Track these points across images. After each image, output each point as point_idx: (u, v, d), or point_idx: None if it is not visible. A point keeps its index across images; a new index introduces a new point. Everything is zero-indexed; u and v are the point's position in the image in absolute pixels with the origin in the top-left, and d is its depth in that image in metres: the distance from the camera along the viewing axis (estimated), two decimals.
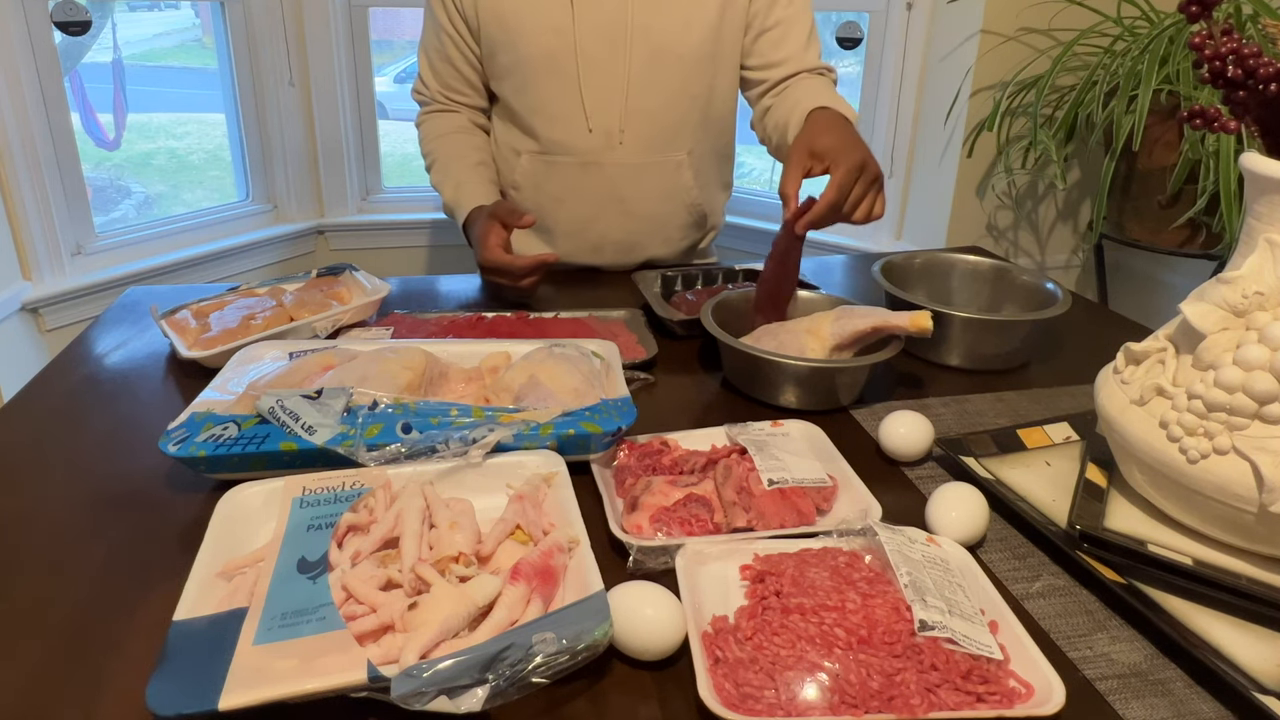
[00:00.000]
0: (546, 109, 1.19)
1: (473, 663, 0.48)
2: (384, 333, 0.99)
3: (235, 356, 0.86)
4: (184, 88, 3.68)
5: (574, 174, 1.22)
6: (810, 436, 0.78)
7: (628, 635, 0.53)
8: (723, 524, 0.66)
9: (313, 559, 0.58)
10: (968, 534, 0.64)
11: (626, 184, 1.23)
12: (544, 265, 1.07)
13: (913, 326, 0.84)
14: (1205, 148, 1.60)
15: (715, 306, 0.94)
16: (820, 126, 0.99)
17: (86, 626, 0.57)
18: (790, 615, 0.55)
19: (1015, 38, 1.91)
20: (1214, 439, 0.59)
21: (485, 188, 1.21)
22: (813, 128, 0.99)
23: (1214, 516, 0.61)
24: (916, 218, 2.17)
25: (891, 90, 2.12)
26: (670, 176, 1.25)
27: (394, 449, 0.68)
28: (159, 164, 2.92)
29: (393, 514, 0.62)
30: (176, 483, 0.72)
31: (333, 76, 2.23)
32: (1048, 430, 0.80)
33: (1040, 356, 1.01)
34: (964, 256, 1.12)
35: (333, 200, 2.36)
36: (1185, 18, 0.72)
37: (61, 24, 1.80)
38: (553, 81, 1.16)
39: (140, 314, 1.08)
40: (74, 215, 1.89)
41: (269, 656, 0.50)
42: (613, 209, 1.24)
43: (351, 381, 0.76)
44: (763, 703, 0.49)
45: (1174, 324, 0.65)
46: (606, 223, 1.26)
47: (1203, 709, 0.52)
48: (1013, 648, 0.53)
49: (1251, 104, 0.60)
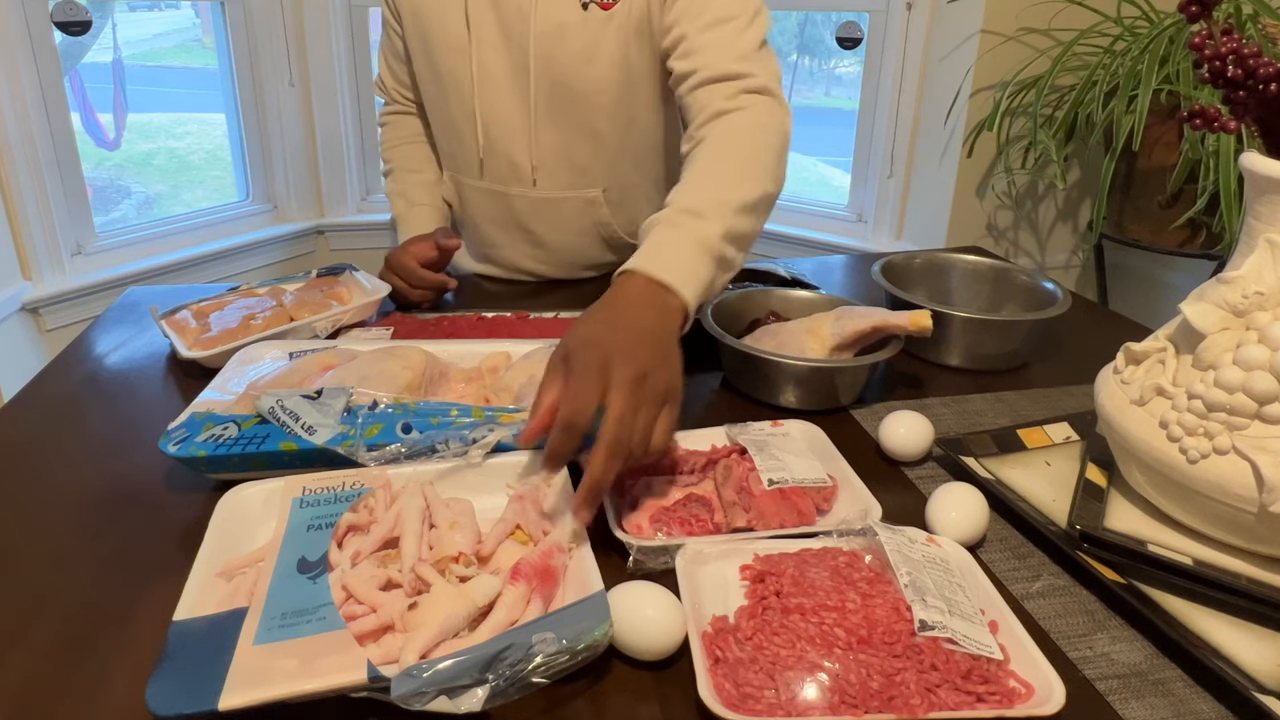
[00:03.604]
0: (451, 126, 1.14)
1: (473, 663, 0.48)
2: (384, 333, 0.99)
3: (235, 356, 0.86)
4: (184, 88, 3.68)
5: (478, 198, 1.18)
6: (810, 436, 0.78)
7: (628, 635, 0.53)
8: (723, 524, 0.66)
9: (313, 559, 0.58)
10: (968, 534, 0.64)
11: (532, 217, 1.16)
12: (441, 288, 1.09)
13: (913, 326, 0.84)
14: (1205, 148, 1.60)
15: (715, 307, 0.94)
16: (590, 311, 0.69)
17: (86, 626, 0.57)
18: (790, 615, 0.55)
19: (1015, 38, 1.91)
20: (1214, 439, 0.59)
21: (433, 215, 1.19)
22: (584, 315, 0.69)
23: (1214, 516, 0.61)
24: (916, 218, 2.17)
25: (891, 90, 2.12)
26: (583, 212, 1.15)
27: (394, 449, 0.68)
28: (159, 164, 2.92)
29: (393, 514, 0.62)
30: (176, 483, 0.72)
31: (333, 76, 2.23)
32: (1048, 430, 0.80)
33: (1040, 356, 1.01)
34: (964, 256, 1.12)
35: (333, 200, 2.36)
36: (1185, 18, 0.72)
37: (62, 24, 1.81)
38: (455, 100, 1.11)
39: (140, 314, 1.08)
40: (74, 215, 1.89)
41: (269, 656, 0.50)
42: (520, 238, 1.19)
43: (351, 381, 0.76)
44: (763, 703, 0.49)
45: (1174, 324, 0.65)
46: (515, 250, 1.21)
47: (1203, 709, 0.52)
48: (1013, 648, 0.53)
49: (1251, 104, 0.60)
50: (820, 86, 2.96)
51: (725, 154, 0.86)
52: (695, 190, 0.80)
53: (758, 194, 0.82)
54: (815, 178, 3.29)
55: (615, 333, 0.64)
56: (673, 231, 0.76)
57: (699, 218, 0.76)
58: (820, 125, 3.24)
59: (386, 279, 1.08)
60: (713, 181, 0.82)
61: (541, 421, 0.62)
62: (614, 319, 0.66)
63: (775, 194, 0.86)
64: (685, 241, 0.75)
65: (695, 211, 0.77)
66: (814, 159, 3.32)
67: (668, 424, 0.64)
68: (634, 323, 0.67)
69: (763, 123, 0.90)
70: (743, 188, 0.81)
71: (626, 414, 0.60)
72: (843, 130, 2.31)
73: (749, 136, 0.88)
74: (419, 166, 1.23)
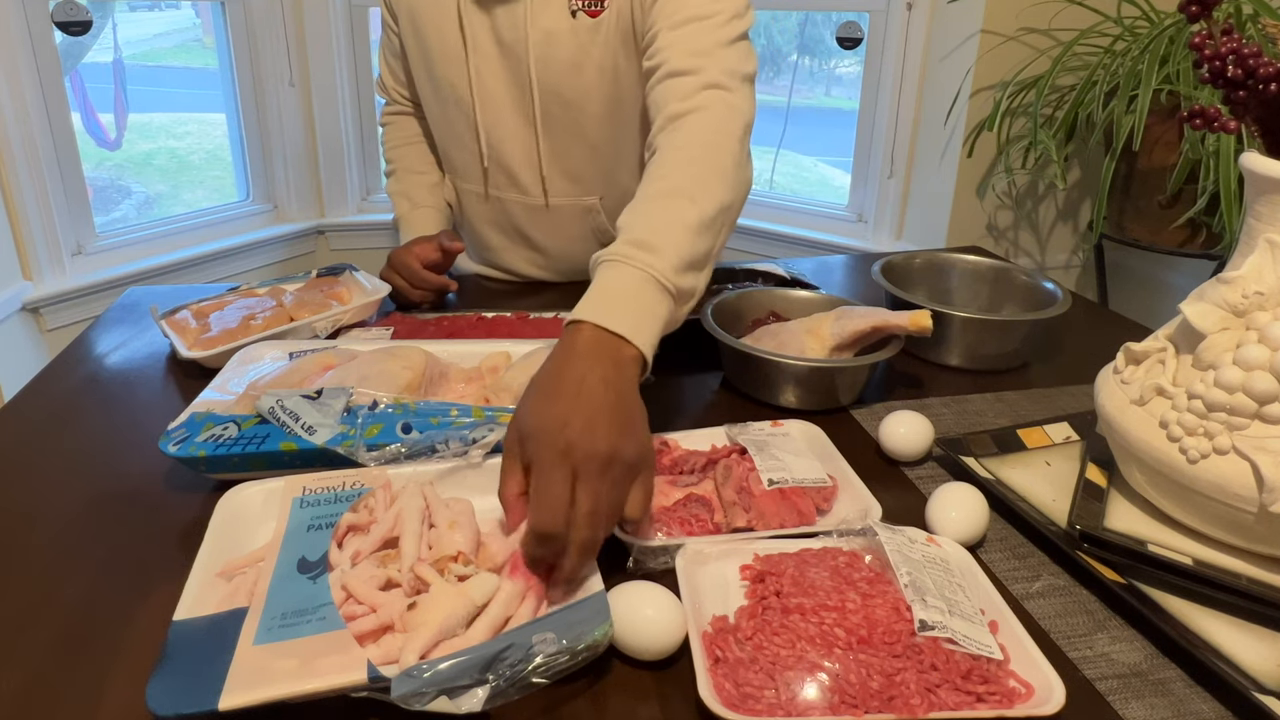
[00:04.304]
0: (451, 133, 1.14)
1: (473, 663, 0.48)
2: (384, 333, 0.99)
3: (235, 356, 0.86)
4: (184, 88, 3.68)
5: (478, 204, 1.19)
6: (810, 436, 0.78)
7: (628, 635, 0.53)
8: (723, 524, 0.66)
9: (313, 559, 0.58)
10: (968, 534, 0.64)
11: (531, 224, 1.17)
12: (442, 290, 1.10)
13: (913, 326, 0.84)
14: (1205, 148, 1.60)
15: (715, 307, 0.94)
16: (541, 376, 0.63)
17: (86, 626, 0.57)
18: (790, 615, 0.55)
19: (1015, 38, 1.91)
20: (1214, 439, 0.59)
21: (436, 216, 1.19)
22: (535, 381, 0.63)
23: (1214, 516, 0.61)
24: (916, 218, 2.17)
25: (891, 90, 2.12)
26: (581, 220, 1.16)
27: (394, 449, 0.68)
28: (159, 164, 2.92)
29: (392, 514, 0.62)
30: (176, 483, 0.72)
31: (333, 76, 2.23)
32: (1048, 430, 0.80)
33: (1040, 356, 1.01)
34: (964, 256, 1.12)
35: (333, 200, 2.36)
36: (1185, 18, 0.72)
37: (62, 24, 1.81)
38: (453, 108, 1.10)
39: (140, 314, 1.08)
40: (74, 215, 1.89)
41: (269, 656, 0.50)
42: (519, 243, 1.20)
43: (351, 381, 0.76)
44: (763, 703, 0.49)
45: (1174, 324, 0.65)
46: (514, 255, 1.21)
47: (1203, 709, 0.52)
48: (1013, 648, 0.53)
49: (1251, 104, 0.60)
50: (820, 86, 2.96)
51: (678, 167, 0.78)
52: (646, 216, 0.73)
53: (714, 209, 0.75)
54: (815, 178, 3.29)
55: (572, 408, 0.58)
56: (622, 271, 0.69)
57: (650, 251, 0.69)
58: (820, 125, 3.24)
59: (388, 278, 1.08)
60: (664, 203, 0.74)
61: (518, 515, 0.59)
62: (566, 387, 0.60)
63: (737, 201, 0.80)
64: (636, 282, 0.68)
65: (645, 244, 0.69)
66: (814, 159, 3.32)
67: (641, 495, 0.60)
68: (588, 389, 0.60)
69: (718, 125, 0.83)
70: (697, 205, 0.74)
71: (598, 507, 0.56)
72: (843, 130, 2.31)
73: (703, 142, 0.81)
74: (422, 167, 1.23)
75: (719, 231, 0.77)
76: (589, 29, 1.01)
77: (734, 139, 0.82)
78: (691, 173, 0.78)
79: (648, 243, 0.70)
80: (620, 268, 0.69)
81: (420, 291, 1.09)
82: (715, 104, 0.84)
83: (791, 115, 2.67)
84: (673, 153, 0.80)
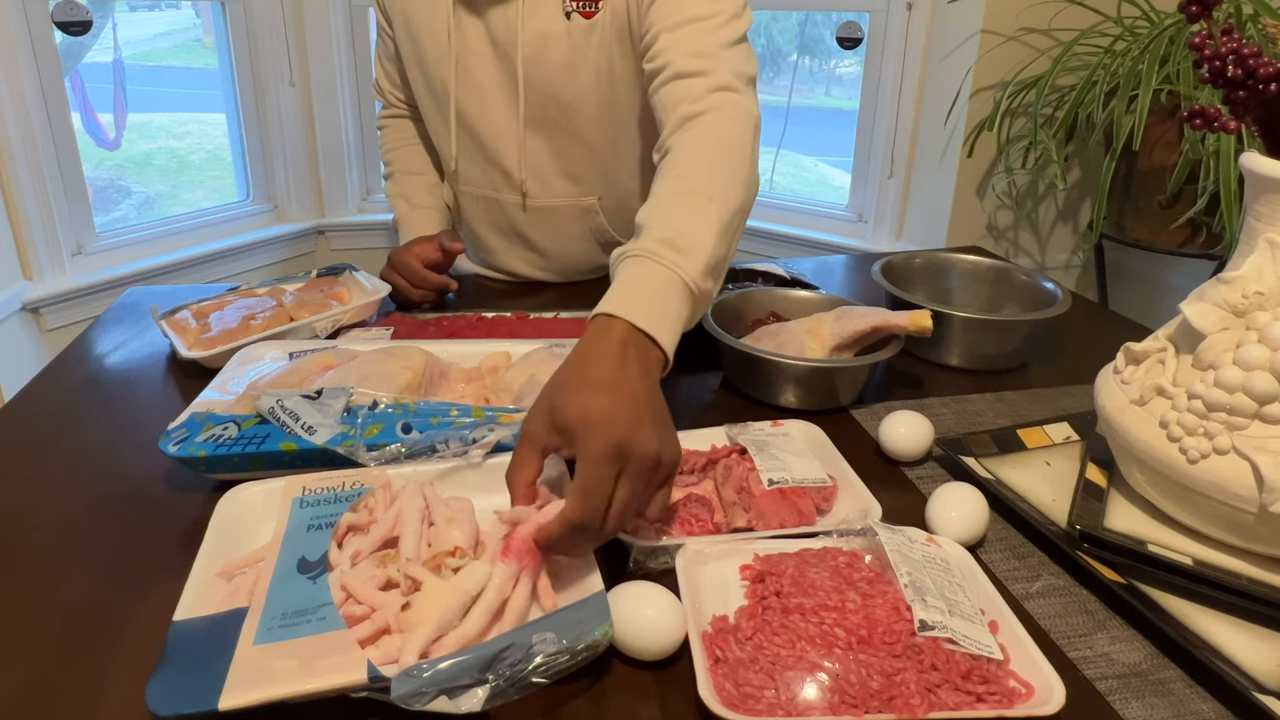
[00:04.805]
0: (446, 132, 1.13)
1: (473, 663, 0.48)
2: (384, 333, 0.99)
3: (235, 356, 0.86)
4: (184, 88, 3.68)
5: (475, 205, 1.18)
6: (810, 436, 0.78)
7: (628, 635, 0.53)
8: (723, 524, 0.66)
9: (313, 559, 0.58)
10: (968, 534, 0.64)
11: (528, 225, 1.16)
12: (443, 289, 1.10)
13: (913, 326, 0.84)
14: (1205, 148, 1.60)
15: (715, 307, 0.94)
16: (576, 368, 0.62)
17: (86, 626, 0.57)
18: (790, 615, 0.55)
19: (1015, 38, 1.91)
20: (1214, 439, 0.59)
21: (435, 217, 1.19)
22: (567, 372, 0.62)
23: (1214, 516, 0.61)
24: (916, 218, 2.17)
25: (891, 90, 2.12)
26: (579, 220, 1.15)
27: (394, 449, 0.68)
28: (159, 164, 2.92)
29: (392, 514, 0.62)
30: (176, 483, 0.72)
31: (333, 76, 2.23)
32: (1048, 430, 0.80)
33: (1040, 356, 1.01)
34: (964, 256, 1.12)
35: (333, 200, 2.36)
36: (1185, 18, 0.72)
37: (62, 24, 1.81)
38: (448, 110, 1.10)
39: (140, 314, 1.08)
40: (74, 215, 1.89)
41: (269, 656, 0.50)
42: (517, 244, 1.20)
43: (351, 381, 0.76)
44: (763, 703, 0.49)
45: (1174, 324, 0.65)
46: (513, 256, 1.21)
47: (1203, 709, 0.52)
48: (1013, 648, 0.53)
49: (1251, 104, 0.60)
50: (820, 86, 2.95)
51: (696, 168, 0.78)
52: (670, 215, 0.73)
53: (731, 211, 0.75)
54: (815, 178, 3.29)
55: (616, 403, 0.57)
56: (652, 269, 0.68)
57: (679, 251, 0.69)
58: (820, 125, 3.24)
59: (388, 277, 1.08)
60: (687, 203, 0.74)
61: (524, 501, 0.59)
62: (605, 381, 0.59)
63: (749, 204, 0.80)
64: (668, 283, 0.68)
65: (674, 244, 0.69)
66: (814, 159, 3.32)
67: (665, 496, 0.62)
68: (629, 386, 0.59)
69: (731, 127, 0.83)
70: (717, 207, 0.74)
71: (633, 505, 0.57)
72: (843, 130, 2.31)
73: (718, 144, 0.81)
74: (421, 169, 1.23)
75: (734, 235, 0.77)
76: (583, 30, 1.01)
77: (747, 141, 0.83)
78: (710, 174, 0.78)
79: (675, 243, 0.69)
80: (649, 265, 0.68)
81: (421, 291, 1.09)
82: (727, 105, 0.84)
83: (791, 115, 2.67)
84: (690, 153, 0.80)
